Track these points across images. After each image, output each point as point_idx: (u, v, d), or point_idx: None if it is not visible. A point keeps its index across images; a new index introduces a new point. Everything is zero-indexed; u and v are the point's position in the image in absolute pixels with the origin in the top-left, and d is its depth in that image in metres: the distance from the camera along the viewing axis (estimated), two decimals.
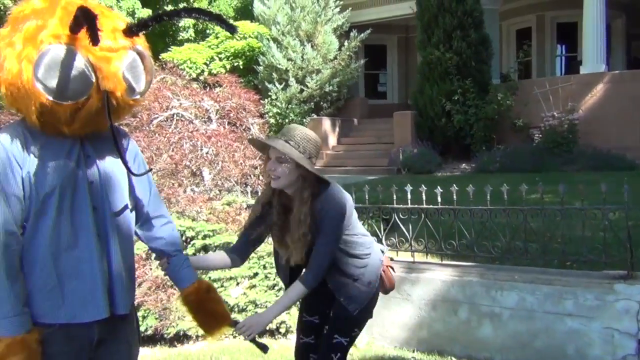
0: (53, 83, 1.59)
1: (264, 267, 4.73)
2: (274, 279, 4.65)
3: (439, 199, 4.20)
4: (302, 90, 13.05)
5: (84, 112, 1.65)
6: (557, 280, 3.67)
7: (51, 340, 1.71)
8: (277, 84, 13.03)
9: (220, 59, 13.49)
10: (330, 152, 13.09)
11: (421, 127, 11.72)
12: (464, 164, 10.94)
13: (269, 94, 13.08)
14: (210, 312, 2.14)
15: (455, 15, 11.04)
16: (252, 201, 5.23)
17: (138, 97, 1.78)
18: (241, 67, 13.53)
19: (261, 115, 9.13)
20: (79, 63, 1.59)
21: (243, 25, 13.68)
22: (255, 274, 4.73)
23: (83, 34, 1.56)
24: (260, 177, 5.97)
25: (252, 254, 4.74)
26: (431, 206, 4.28)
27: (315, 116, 13.21)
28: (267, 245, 4.78)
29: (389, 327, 4.26)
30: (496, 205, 4.05)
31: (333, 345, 2.40)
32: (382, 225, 4.55)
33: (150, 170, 1.95)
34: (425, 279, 4.16)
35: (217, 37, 14.02)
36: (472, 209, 4.12)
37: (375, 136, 13.25)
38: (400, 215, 4.44)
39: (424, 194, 4.29)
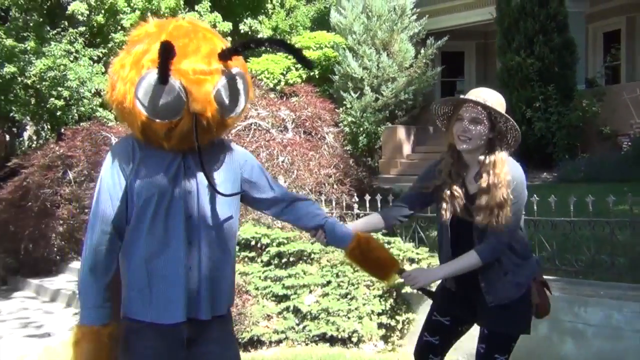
0: (149, 104, 1.74)
1: (337, 276, 4.75)
2: (347, 288, 4.66)
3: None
4: (377, 99, 13.03)
5: (177, 130, 1.79)
6: None
7: (143, 335, 1.86)
8: (352, 92, 13.08)
9: (297, 69, 13.71)
10: (405, 160, 12.98)
11: None
12: (545, 173, 10.52)
13: (344, 102, 13.15)
14: (376, 261, 2.26)
15: (537, 19, 10.68)
16: (326, 209, 5.28)
17: (234, 115, 1.88)
18: (317, 76, 13.67)
19: (336, 124, 9.19)
20: (172, 86, 1.72)
21: (319, 35, 13.86)
22: (328, 282, 4.76)
23: (177, 59, 1.70)
24: (335, 186, 6.02)
25: (326, 262, 4.84)
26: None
27: (389, 124, 13.15)
28: (340, 254, 4.83)
29: (464, 339, 4.13)
30: (580, 217, 3.87)
31: None
32: None
33: (237, 194, 2.00)
34: None
35: None
36: (554, 220, 3.96)
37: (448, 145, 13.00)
38: None
39: None
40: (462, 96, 2.33)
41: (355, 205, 5.17)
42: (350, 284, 4.69)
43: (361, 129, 13.06)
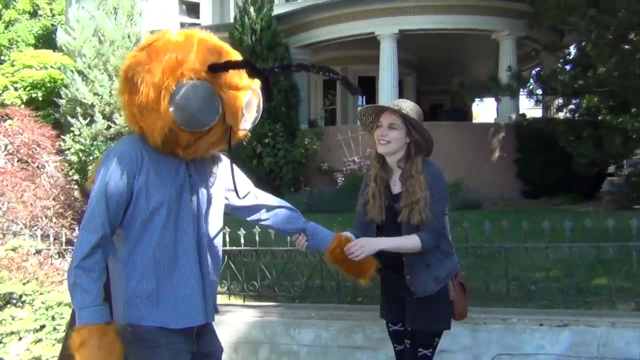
0: (185, 112, 1.75)
1: (53, 318, 4.33)
2: (64, 331, 4.27)
3: (242, 240, 4.26)
4: (109, 127, 12.43)
5: (203, 140, 1.84)
6: (348, 316, 3.91)
7: (161, 334, 1.86)
8: (81, 119, 12.25)
9: (16, 89, 12.34)
10: None
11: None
12: None
13: (72, 129, 12.23)
14: (354, 265, 2.32)
15: (266, 63, 11.50)
16: (42, 245, 4.80)
17: (248, 129, 1.95)
18: (40, 99, 12.50)
19: (61, 152, 8.47)
20: (212, 99, 1.77)
21: (44, 54, 12.76)
22: (42, 327, 4.30)
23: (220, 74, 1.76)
24: (54, 219, 5.52)
25: (40, 304, 4.37)
26: (234, 247, 4.32)
27: None
28: (56, 294, 4.42)
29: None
30: (294, 247, 4.22)
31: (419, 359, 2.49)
32: None
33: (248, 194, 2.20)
34: (227, 321, 4.15)
35: (12, 65, 12.84)
36: (273, 249, 4.23)
37: None
38: None
39: (227, 236, 4.31)
40: (380, 105, 2.56)
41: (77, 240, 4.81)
42: (69, 326, 4.31)
43: (91, 157, 12.25)
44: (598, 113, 11.35)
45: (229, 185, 2.12)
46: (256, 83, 1.91)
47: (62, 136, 11.31)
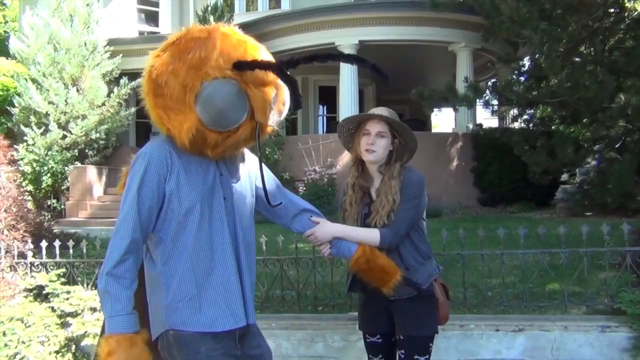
0: (212, 112, 1.71)
1: (4, 334, 4.18)
2: (16, 347, 4.13)
3: None
4: (64, 136, 12.16)
5: (231, 139, 1.79)
6: (309, 325, 3.91)
7: (201, 341, 1.82)
8: (35, 128, 11.96)
9: None
10: (95, 202, 12.30)
11: None
12: None
13: (25, 138, 11.91)
14: (381, 268, 2.27)
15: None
16: None
17: (276, 125, 1.91)
18: None
19: (13, 162, 8.21)
20: (239, 96, 1.72)
21: None
22: None
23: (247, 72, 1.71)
24: (5, 232, 5.33)
25: None
26: None
27: (79, 164, 12.37)
28: (7, 308, 4.28)
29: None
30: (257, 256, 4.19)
31: None
32: None
33: (280, 204, 2.13)
34: None
35: None
36: None
37: None
38: None
39: None
40: (369, 113, 2.51)
41: (30, 253, 4.66)
42: (21, 342, 4.17)
43: (45, 168, 11.97)
44: (551, 123, 11.71)
45: (259, 183, 2.09)
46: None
47: (14, 146, 10.98)
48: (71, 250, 4.51)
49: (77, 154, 12.48)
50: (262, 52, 1.86)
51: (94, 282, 4.43)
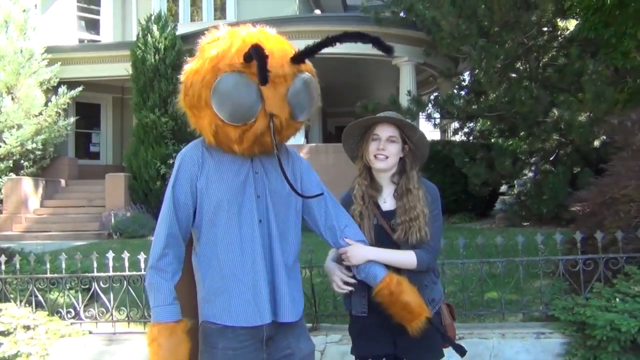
0: (225, 106, 1.77)
1: None
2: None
3: (142, 265, 4.11)
4: None
5: (250, 133, 1.81)
6: None
7: (223, 337, 1.87)
8: None
9: None
10: (31, 215, 11.83)
11: (135, 190, 11.48)
12: None
13: None
14: (404, 305, 2.10)
15: (170, 82, 11.32)
16: None
17: (304, 118, 1.90)
18: None
19: None
20: (249, 89, 1.76)
21: None
22: None
23: (254, 63, 1.70)
24: None
25: None
26: (134, 272, 4.16)
27: (14, 176, 11.88)
28: None
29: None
30: None
31: None
32: (80, 296, 4.24)
33: (316, 196, 2.03)
34: (125, 349, 3.98)
35: None
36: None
37: (86, 199, 12.47)
38: (101, 284, 4.21)
39: (127, 260, 4.16)
40: (381, 115, 2.32)
41: None
42: None
43: None
44: (490, 136, 12.10)
45: (306, 184, 2.09)
46: (309, 69, 1.93)
47: None
48: (3, 266, 4.31)
49: (11, 165, 11.98)
50: (284, 45, 1.90)
51: (28, 298, 4.26)
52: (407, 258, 2.19)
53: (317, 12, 15.71)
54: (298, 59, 1.87)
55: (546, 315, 3.80)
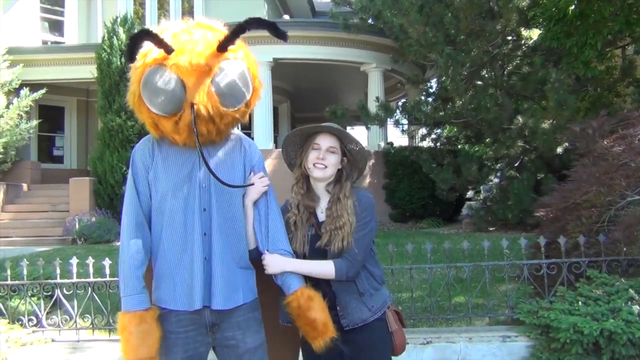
0: (149, 98, 1.87)
1: None
2: None
3: (107, 271, 4.04)
4: None
5: (182, 123, 1.88)
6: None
7: (168, 321, 1.96)
8: None
9: None
10: None
11: (100, 194, 11.26)
12: None
13: None
14: (311, 322, 2.08)
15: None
16: None
17: (237, 106, 1.95)
18: None
19: None
20: (168, 80, 1.83)
21: None
22: None
23: (175, 54, 1.83)
24: None
25: None
26: (99, 279, 4.08)
27: None
28: None
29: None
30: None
31: None
32: (42, 304, 4.13)
33: (241, 186, 2.08)
34: (90, 358, 3.90)
35: None
36: None
37: (49, 203, 12.18)
38: (65, 291, 4.11)
39: (91, 267, 4.07)
40: (323, 125, 2.31)
41: None
42: None
43: None
44: (457, 142, 12.30)
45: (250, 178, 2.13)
46: (241, 57, 1.96)
47: None
48: None
49: None
50: (214, 36, 1.93)
51: None
52: (325, 268, 2.18)
53: (286, 17, 15.72)
54: (221, 48, 1.90)
55: (512, 318, 3.86)
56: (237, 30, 1.90)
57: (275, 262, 2.12)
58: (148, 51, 1.88)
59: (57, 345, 4.05)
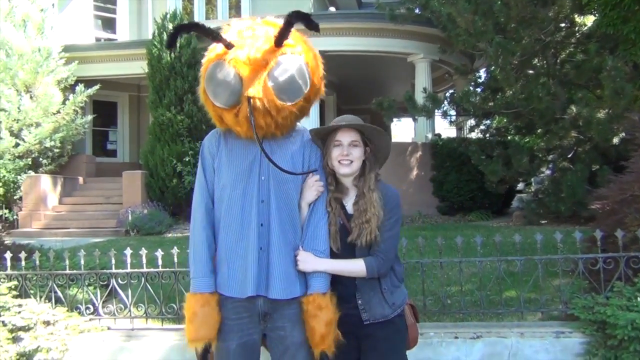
0: (210, 91, 1.99)
1: None
2: None
3: (160, 262, 4.14)
4: (17, 145, 11.80)
5: (241, 116, 1.97)
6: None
7: (225, 306, 2.07)
8: None
9: None
10: (50, 213, 11.96)
11: (152, 187, 11.55)
12: None
13: None
14: (310, 328, 2.11)
15: (186, 80, 11.35)
16: None
17: (294, 100, 2.00)
18: None
19: None
20: (227, 73, 1.93)
21: None
22: None
23: (235, 49, 1.93)
24: None
25: None
26: (152, 269, 4.19)
27: (32, 173, 12.02)
28: None
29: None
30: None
31: None
32: (99, 292, 4.28)
33: (303, 173, 2.14)
34: (143, 346, 4.01)
35: None
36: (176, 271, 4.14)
37: (103, 196, 12.59)
38: (119, 281, 4.24)
39: (144, 257, 4.18)
40: (334, 123, 2.31)
41: None
42: None
43: None
44: (507, 133, 12.00)
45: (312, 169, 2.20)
46: (300, 51, 2.01)
47: None
48: (23, 262, 4.36)
49: (30, 163, 12.11)
50: (274, 31, 1.98)
51: (47, 294, 4.31)
52: (356, 267, 2.22)
53: (332, 9, 15.68)
54: (278, 42, 1.95)
55: (565, 314, 3.75)
56: (285, 25, 1.94)
57: (309, 260, 2.18)
58: (213, 47, 2.00)
59: (113, 333, 4.18)
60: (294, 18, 1.91)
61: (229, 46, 1.94)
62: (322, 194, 2.22)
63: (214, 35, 1.94)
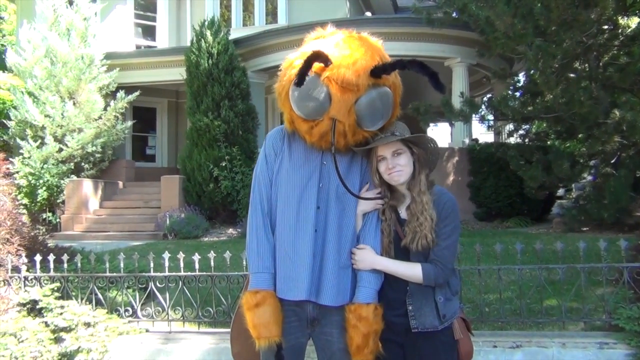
0: (296, 101, 1.98)
1: None
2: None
3: (197, 266, 4.19)
4: (60, 150, 12.15)
5: (316, 130, 2.00)
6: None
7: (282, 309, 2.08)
8: (31, 141, 11.94)
9: None
10: (91, 216, 12.25)
11: (189, 191, 11.71)
12: (231, 229, 11.14)
13: (21, 151, 11.88)
14: (349, 337, 2.10)
15: (223, 86, 11.48)
16: None
17: (371, 128, 2.04)
18: None
19: (9, 175, 8.17)
20: (318, 91, 1.93)
21: None
22: None
23: (331, 67, 1.92)
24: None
25: None
26: (189, 273, 4.24)
27: (75, 177, 12.34)
28: (1, 322, 4.22)
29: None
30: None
31: None
32: (137, 295, 4.35)
33: (369, 199, 2.13)
34: (181, 348, 4.06)
35: None
36: (228, 274, 4.18)
37: (142, 200, 12.82)
38: (158, 284, 4.31)
39: (182, 261, 4.24)
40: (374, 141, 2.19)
41: (24, 267, 4.63)
42: (14, 357, 4.12)
43: (41, 181, 11.93)
44: (547, 138, 11.74)
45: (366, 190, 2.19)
46: (391, 84, 2.03)
47: (10, 159, 10.97)
48: (65, 265, 4.48)
49: (73, 167, 12.45)
50: (373, 57, 2.01)
51: (88, 296, 4.40)
52: (413, 272, 2.15)
53: (368, 14, 15.64)
54: (375, 74, 1.96)
55: (609, 324, 3.63)
56: (395, 64, 1.99)
57: (367, 257, 2.13)
58: (303, 54, 1.98)
59: (151, 335, 4.25)
60: (415, 67, 1.96)
61: (326, 63, 1.90)
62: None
63: (322, 59, 1.89)
